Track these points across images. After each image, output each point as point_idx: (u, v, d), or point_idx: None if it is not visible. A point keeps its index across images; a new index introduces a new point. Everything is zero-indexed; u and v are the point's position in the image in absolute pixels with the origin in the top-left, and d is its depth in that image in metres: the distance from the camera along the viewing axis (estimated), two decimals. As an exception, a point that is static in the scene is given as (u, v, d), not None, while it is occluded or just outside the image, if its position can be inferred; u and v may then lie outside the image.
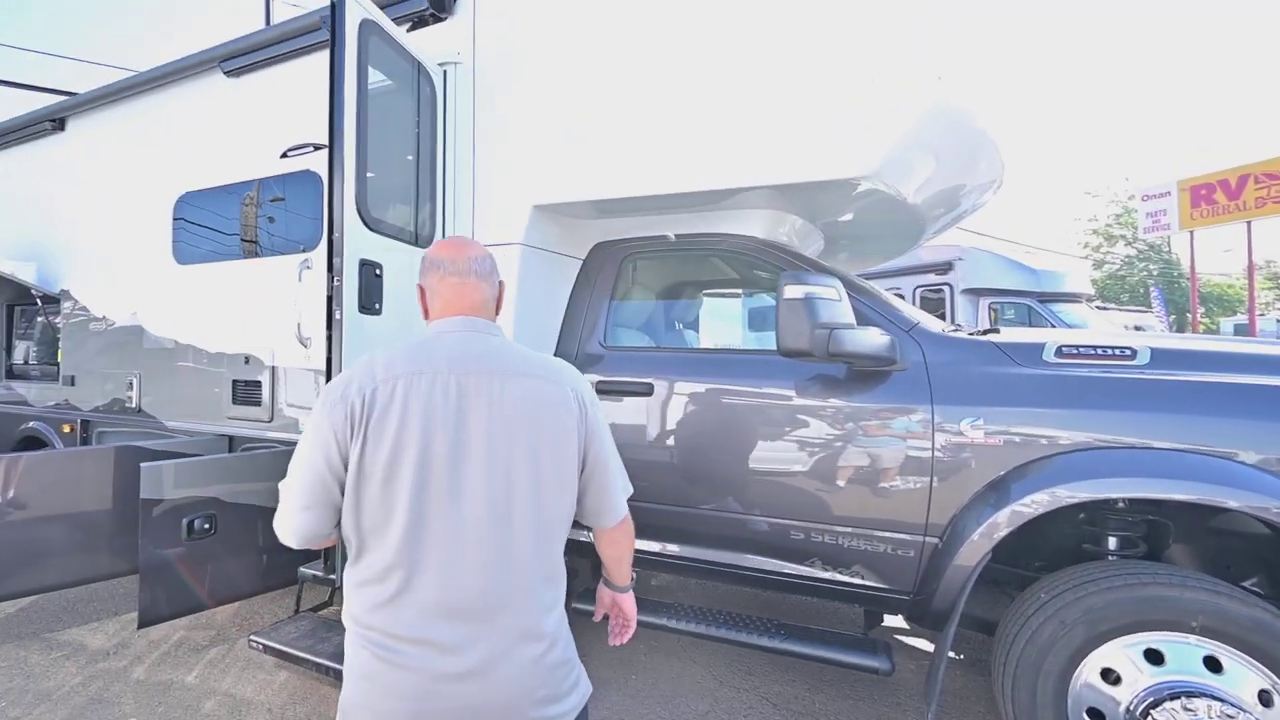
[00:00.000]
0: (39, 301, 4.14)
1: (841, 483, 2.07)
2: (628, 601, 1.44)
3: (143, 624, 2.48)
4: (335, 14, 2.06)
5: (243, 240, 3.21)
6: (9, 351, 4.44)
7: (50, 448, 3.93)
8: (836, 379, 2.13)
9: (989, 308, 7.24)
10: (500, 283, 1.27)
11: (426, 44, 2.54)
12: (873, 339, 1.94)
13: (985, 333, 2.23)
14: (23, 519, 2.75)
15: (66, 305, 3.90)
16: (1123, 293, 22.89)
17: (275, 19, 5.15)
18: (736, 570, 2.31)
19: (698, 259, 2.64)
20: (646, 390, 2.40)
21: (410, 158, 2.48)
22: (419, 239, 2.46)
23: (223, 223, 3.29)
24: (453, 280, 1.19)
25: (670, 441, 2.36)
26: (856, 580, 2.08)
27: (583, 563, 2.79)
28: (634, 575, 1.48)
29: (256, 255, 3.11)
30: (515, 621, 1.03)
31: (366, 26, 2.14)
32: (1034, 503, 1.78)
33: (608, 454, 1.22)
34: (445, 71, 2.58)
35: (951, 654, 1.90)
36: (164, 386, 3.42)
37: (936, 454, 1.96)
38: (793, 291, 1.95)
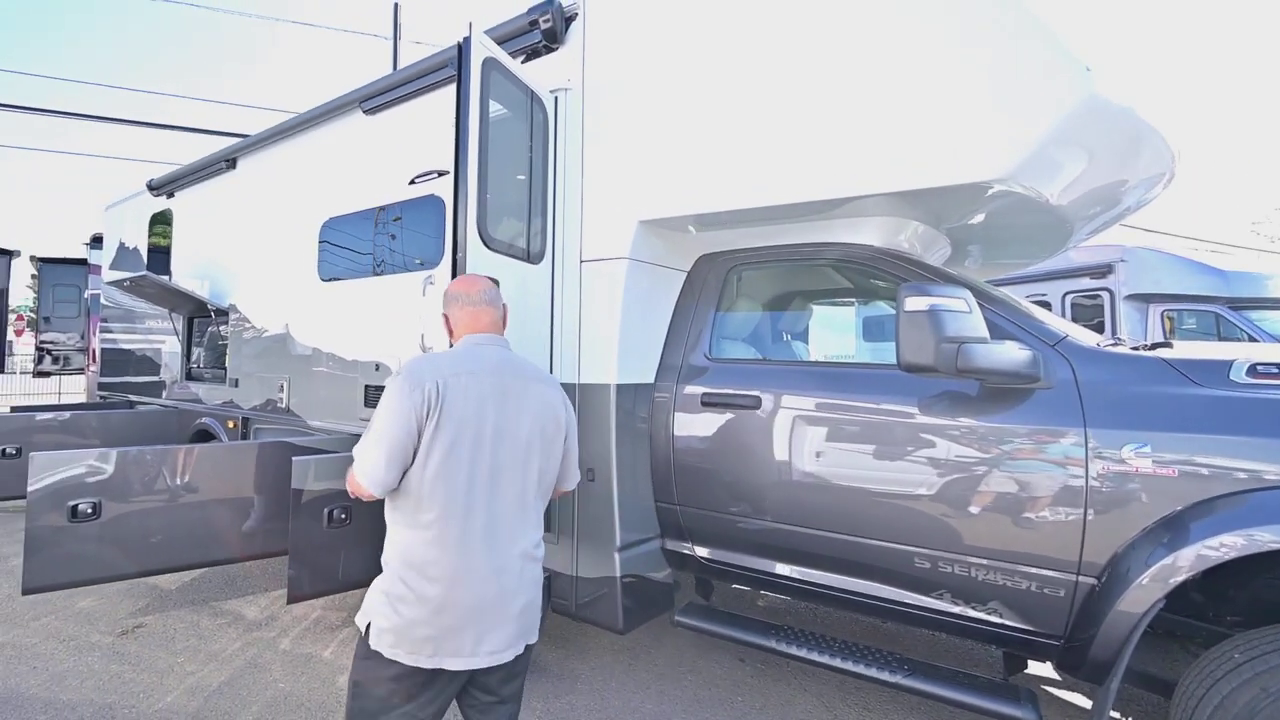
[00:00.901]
0: (212, 314, 4.80)
1: (975, 510, 1.90)
2: None
3: (291, 600, 2.76)
4: (462, 54, 2.22)
5: (374, 259, 3.54)
6: (189, 356, 5.18)
7: (218, 440, 4.54)
8: (967, 396, 1.96)
9: (1163, 316, 6.11)
10: (504, 305, 1.67)
11: (539, 73, 2.67)
12: (1009, 354, 1.77)
13: (1153, 347, 1.96)
14: (196, 501, 3.17)
15: (233, 318, 4.50)
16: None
17: (401, 64, 5.65)
18: (852, 596, 2.18)
19: (808, 269, 2.55)
20: (754, 403, 2.34)
21: (523, 179, 2.61)
22: (530, 255, 2.58)
23: (358, 244, 3.64)
24: (470, 308, 1.60)
25: (779, 456, 2.29)
26: (994, 619, 1.89)
27: (685, 576, 2.77)
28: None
29: (386, 272, 3.40)
30: (522, 548, 1.45)
31: (488, 64, 2.29)
32: (1223, 546, 1.53)
33: (574, 444, 1.67)
34: (556, 97, 2.70)
35: (1115, 715, 1.66)
36: (308, 389, 3.84)
37: (1092, 483, 1.74)
38: (915, 304, 1.82)
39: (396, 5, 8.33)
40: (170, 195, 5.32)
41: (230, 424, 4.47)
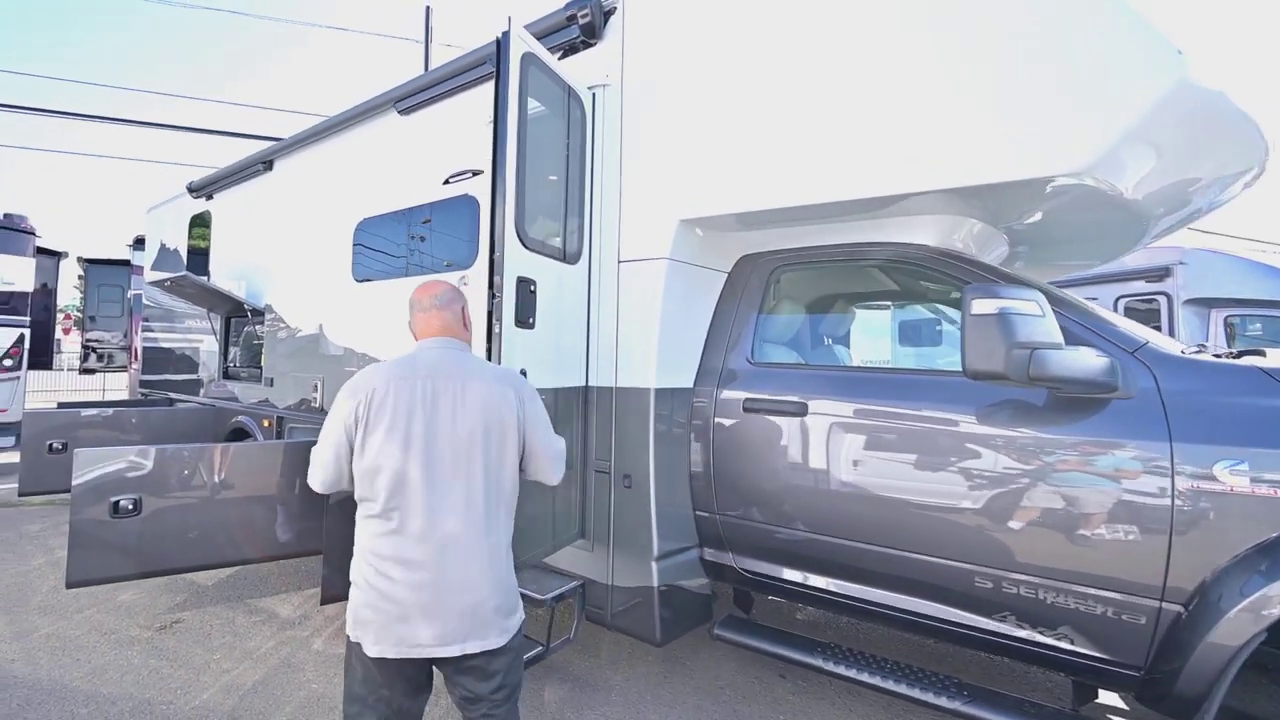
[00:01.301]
0: (249, 314, 4.88)
1: (1044, 528, 1.77)
2: None
3: (324, 600, 2.76)
4: (500, 50, 2.17)
5: (407, 260, 3.53)
6: (226, 356, 5.27)
7: (253, 439, 4.60)
8: (1033, 406, 1.84)
9: (1225, 322, 5.76)
10: (463, 306, 1.73)
11: (576, 69, 2.61)
12: (1086, 361, 1.64)
13: (1241, 355, 1.81)
14: (231, 499, 3.19)
15: (268, 317, 4.55)
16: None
17: (433, 66, 5.66)
18: (903, 614, 2.07)
19: (857, 270, 2.44)
20: (799, 410, 2.24)
21: (560, 178, 2.55)
22: (566, 255, 2.52)
23: (392, 244, 3.64)
24: (422, 314, 1.68)
25: (825, 465, 2.18)
26: (1064, 645, 1.77)
27: (723, 587, 2.69)
28: None
29: (419, 273, 3.38)
30: (468, 548, 1.47)
31: (527, 59, 2.24)
32: (1335, 577, 1.38)
33: (542, 442, 1.64)
34: (594, 94, 2.64)
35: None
36: (341, 390, 3.84)
37: (1177, 502, 1.61)
38: (983, 306, 1.70)
39: (428, 8, 8.40)
40: (209, 197, 5.43)
41: (265, 423, 4.52)
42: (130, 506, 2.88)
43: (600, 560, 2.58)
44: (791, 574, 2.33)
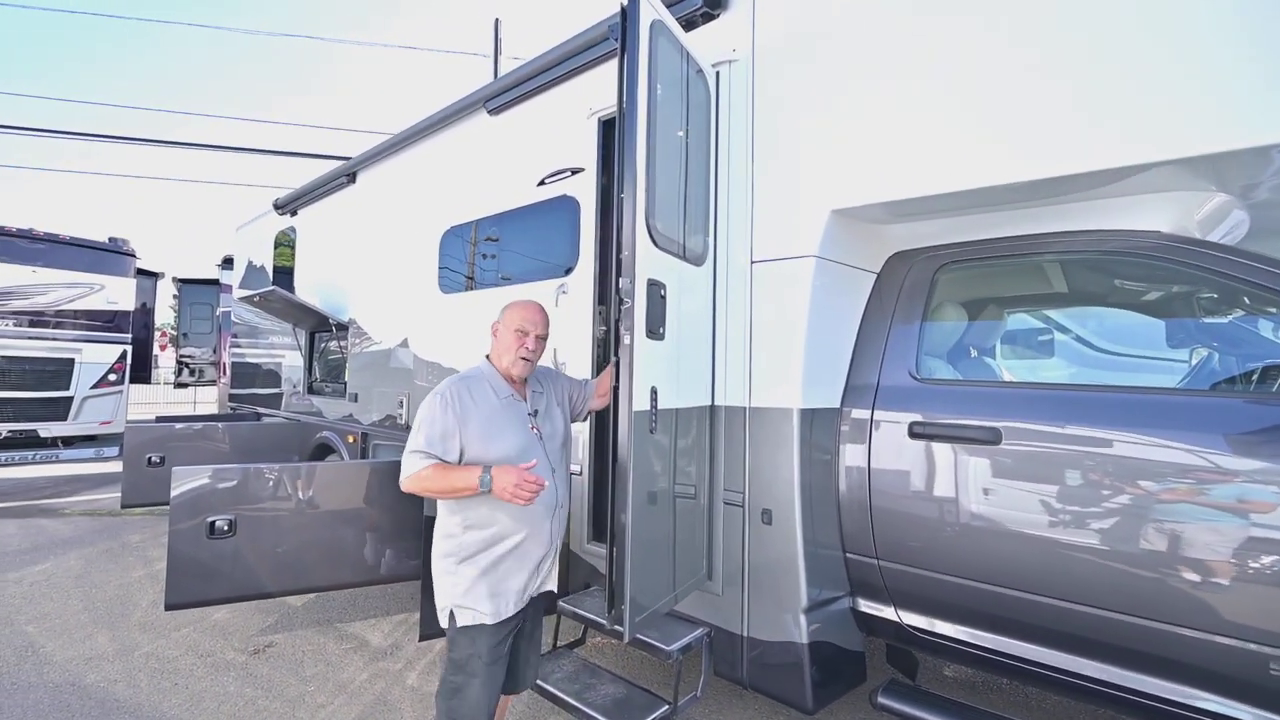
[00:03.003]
0: (333, 329, 4.84)
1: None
2: None
3: (423, 638, 2.55)
4: (627, 17, 1.89)
5: (498, 269, 3.32)
6: (310, 371, 5.28)
7: (337, 455, 4.53)
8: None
9: None
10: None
11: (698, 45, 2.30)
12: None
13: None
14: (323, 521, 3.06)
15: (352, 332, 4.48)
16: None
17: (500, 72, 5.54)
18: (1145, 700, 1.61)
19: (1057, 266, 2.00)
20: (990, 437, 1.83)
21: (679, 169, 2.25)
22: (686, 253, 2.20)
23: (481, 253, 3.44)
24: None
25: (1033, 508, 1.76)
26: None
27: (871, 643, 2.28)
28: None
29: (513, 282, 3.16)
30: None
31: (656, 29, 1.95)
32: None
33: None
34: (718, 72, 2.32)
35: None
36: (426, 407, 3.68)
37: None
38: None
39: (497, 20, 8.40)
40: (293, 213, 5.48)
41: (350, 439, 4.44)
42: (225, 528, 2.82)
43: (731, 606, 2.23)
44: (980, 637, 1.91)
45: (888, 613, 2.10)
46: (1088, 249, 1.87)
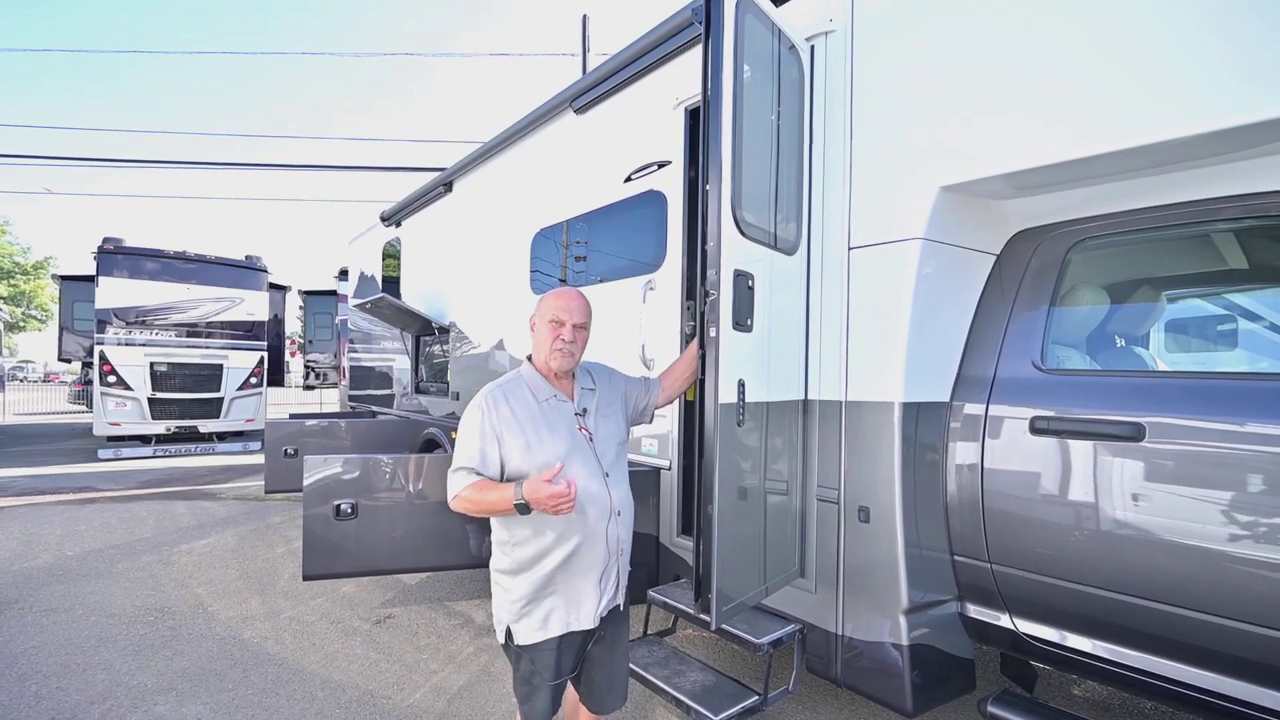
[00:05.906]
0: (436, 332, 5.19)
1: None
2: None
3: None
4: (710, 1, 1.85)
5: (586, 268, 3.40)
6: (417, 372, 5.70)
7: (443, 449, 4.85)
8: None
9: None
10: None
11: (789, 18, 2.22)
12: None
13: None
14: (430, 507, 3.28)
15: (453, 334, 4.78)
16: None
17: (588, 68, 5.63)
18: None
19: (1230, 237, 1.72)
20: (1132, 432, 1.62)
21: (769, 154, 2.18)
22: (777, 242, 2.13)
23: (570, 254, 3.54)
24: None
25: (1181, 511, 1.54)
26: None
27: (982, 650, 2.10)
28: None
29: (602, 280, 3.23)
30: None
31: (743, 6, 1.90)
32: None
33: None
34: (812, 46, 2.23)
35: None
36: (520, 403, 3.83)
37: None
38: None
39: (585, 17, 8.53)
40: (398, 224, 5.93)
41: (453, 434, 4.74)
42: (349, 510, 3.10)
43: (825, 604, 2.14)
44: (1112, 651, 1.70)
45: (1002, 620, 1.92)
46: (1256, 216, 1.60)
